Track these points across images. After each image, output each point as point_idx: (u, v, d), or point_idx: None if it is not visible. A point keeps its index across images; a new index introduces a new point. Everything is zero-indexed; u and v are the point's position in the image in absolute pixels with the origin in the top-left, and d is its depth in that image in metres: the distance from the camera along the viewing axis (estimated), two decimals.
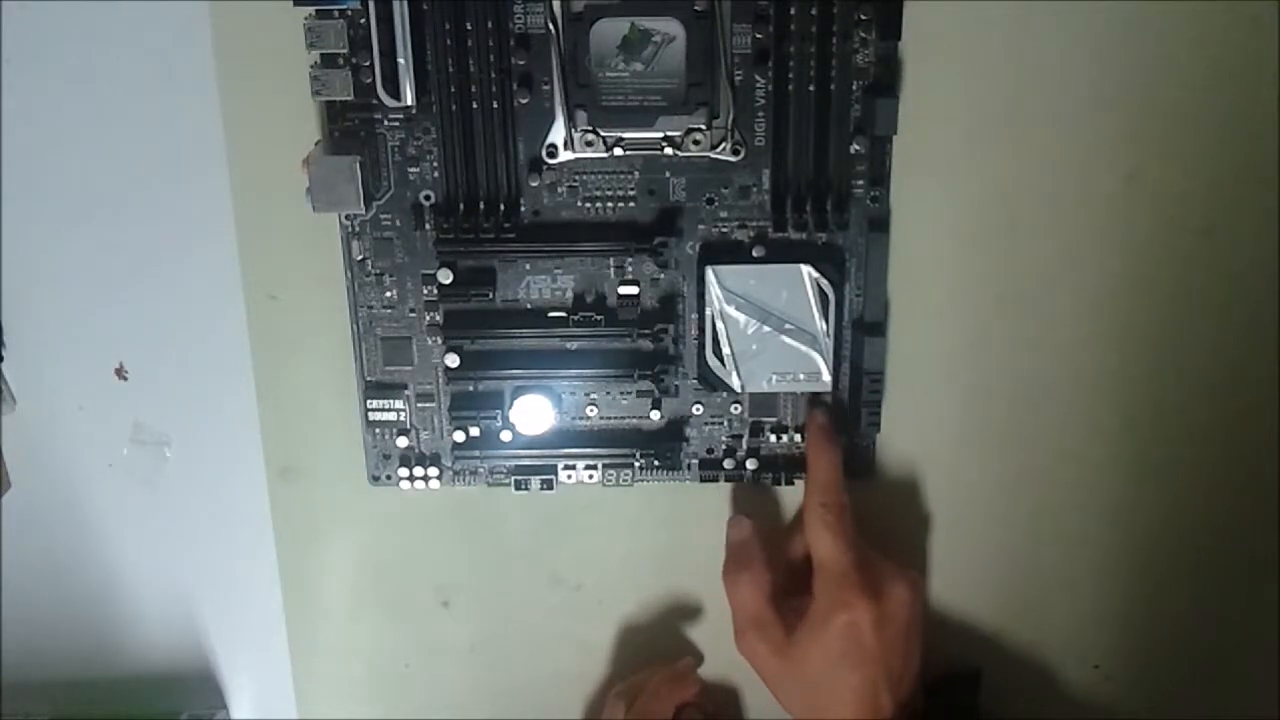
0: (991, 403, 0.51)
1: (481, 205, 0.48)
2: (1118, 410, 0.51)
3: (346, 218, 0.48)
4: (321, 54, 0.45)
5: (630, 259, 0.49)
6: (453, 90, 0.46)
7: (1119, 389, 0.50)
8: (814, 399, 0.50)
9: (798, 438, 0.51)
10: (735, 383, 0.49)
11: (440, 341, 0.49)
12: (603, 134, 0.46)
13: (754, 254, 0.48)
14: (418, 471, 0.51)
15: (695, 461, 0.51)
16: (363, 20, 0.44)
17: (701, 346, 0.49)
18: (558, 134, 0.46)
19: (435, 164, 0.47)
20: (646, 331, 0.49)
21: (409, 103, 0.45)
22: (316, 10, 0.44)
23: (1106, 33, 0.46)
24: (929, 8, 0.45)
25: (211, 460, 0.54)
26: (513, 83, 0.46)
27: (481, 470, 0.51)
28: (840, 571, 0.47)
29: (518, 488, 0.51)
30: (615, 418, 0.51)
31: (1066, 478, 0.52)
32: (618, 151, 0.46)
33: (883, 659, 0.47)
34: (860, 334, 0.49)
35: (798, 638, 0.48)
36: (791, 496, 0.52)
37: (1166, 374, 0.50)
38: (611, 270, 0.49)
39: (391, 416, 0.51)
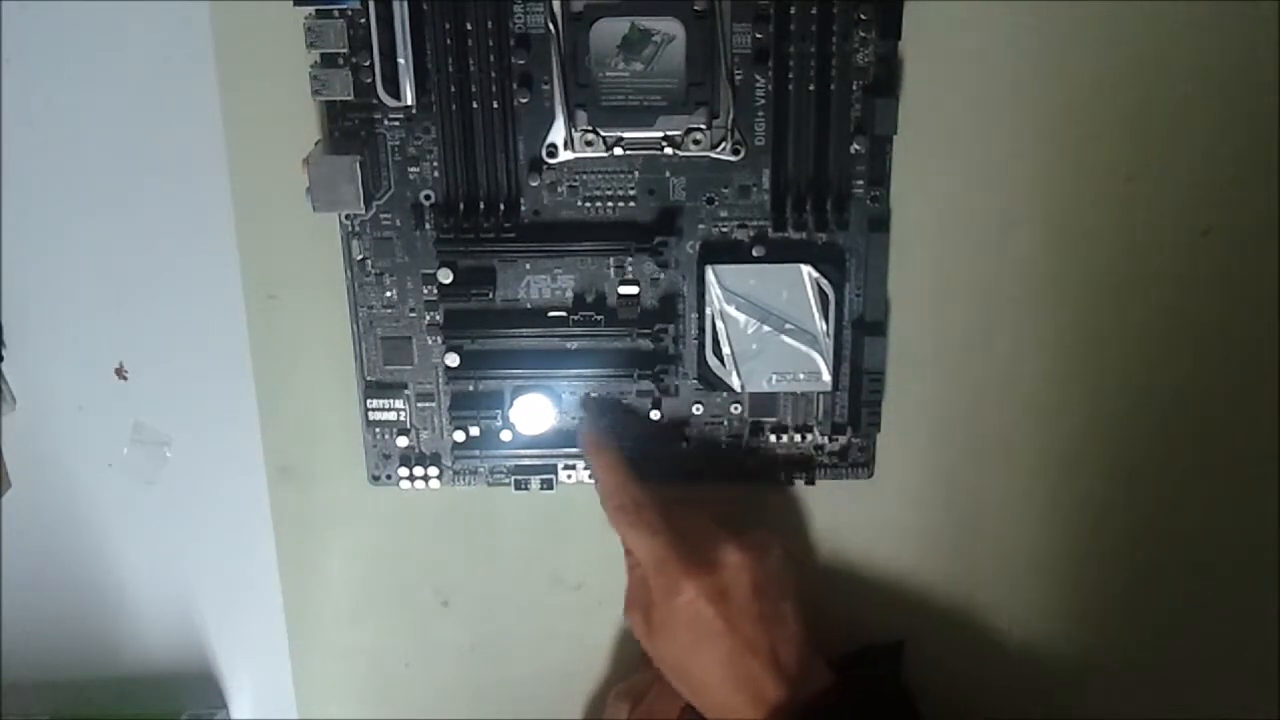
0: (991, 402, 0.51)
1: (481, 205, 0.48)
2: (1117, 409, 0.51)
3: (346, 218, 0.48)
4: (321, 54, 0.45)
5: (630, 259, 0.49)
6: (453, 90, 0.46)
7: (1118, 388, 0.50)
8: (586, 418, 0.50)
9: (798, 438, 0.51)
10: (735, 383, 0.49)
11: (440, 341, 0.49)
12: (603, 134, 0.46)
13: (754, 254, 0.48)
14: (418, 471, 0.51)
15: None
16: (363, 20, 0.44)
17: (701, 346, 0.49)
18: (558, 134, 0.46)
19: (435, 164, 0.47)
20: (646, 331, 0.49)
21: (409, 103, 0.45)
22: (316, 10, 0.44)
23: (1106, 33, 0.46)
24: (929, 8, 0.45)
25: (211, 460, 0.54)
26: (513, 83, 0.46)
27: (481, 470, 0.51)
28: (658, 559, 0.45)
29: (518, 488, 0.51)
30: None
31: (1066, 477, 0.52)
32: (618, 151, 0.46)
33: (734, 630, 0.45)
34: (860, 334, 0.49)
35: (654, 624, 0.46)
36: (793, 496, 0.52)
37: (1166, 374, 0.50)
38: (611, 270, 0.49)
39: (391, 416, 0.51)
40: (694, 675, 0.46)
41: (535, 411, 0.50)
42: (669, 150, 0.46)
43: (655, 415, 0.50)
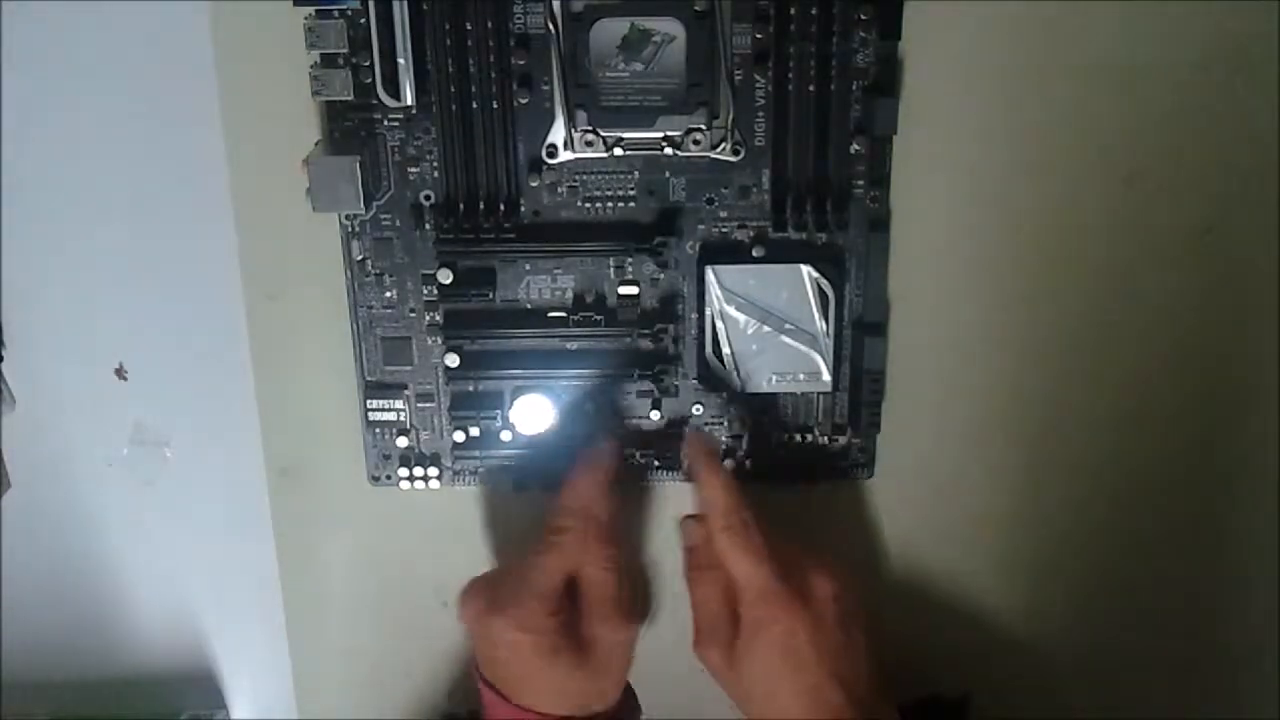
0: (991, 402, 0.51)
1: (481, 205, 0.48)
2: (1117, 410, 0.51)
3: (346, 218, 0.48)
4: (321, 54, 0.45)
5: (630, 259, 0.49)
6: (453, 90, 0.46)
7: (1118, 388, 0.50)
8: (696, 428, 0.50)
9: (798, 438, 0.51)
10: (735, 383, 0.49)
11: (440, 341, 0.49)
12: (603, 134, 0.46)
13: (754, 254, 0.48)
14: (418, 471, 0.51)
15: None
16: (363, 20, 0.44)
17: (701, 346, 0.49)
18: (558, 134, 0.46)
19: (435, 164, 0.47)
20: (646, 331, 0.49)
21: (409, 103, 0.45)
22: (316, 10, 0.44)
23: (1106, 33, 0.46)
24: (929, 8, 0.45)
25: (211, 460, 0.54)
26: (513, 83, 0.46)
27: (481, 470, 0.52)
28: (760, 587, 0.45)
29: (518, 488, 0.51)
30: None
31: (1066, 477, 0.52)
32: (618, 151, 0.46)
33: (821, 660, 0.45)
34: (860, 334, 0.49)
35: (738, 652, 0.46)
36: (793, 496, 0.52)
37: (1166, 374, 0.50)
38: (611, 270, 0.49)
39: (391, 416, 0.51)
40: (776, 705, 0.46)
41: (535, 411, 0.50)
42: (669, 150, 0.46)
43: (655, 415, 0.50)
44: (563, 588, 0.47)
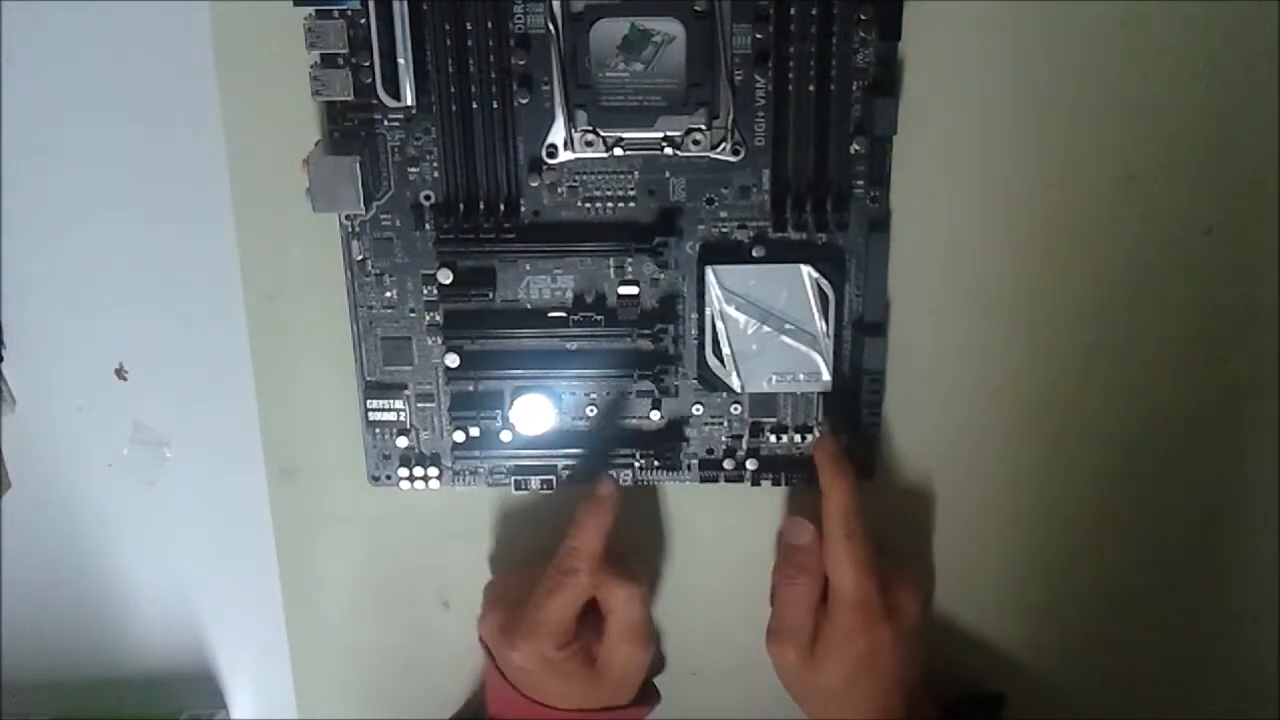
0: (991, 402, 0.51)
1: (481, 205, 0.48)
2: (1117, 410, 0.51)
3: (346, 218, 0.48)
4: (321, 54, 0.45)
5: (630, 259, 0.49)
6: (453, 90, 0.46)
7: (1118, 388, 0.50)
8: (827, 427, 0.50)
9: (798, 438, 0.51)
10: (735, 383, 0.49)
11: (440, 341, 0.49)
12: (603, 134, 0.46)
13: (754, 254, 0.48)
14: (418, 471, 0.51)
15: (695, 461, 0.51)
16: (363, 20, 0.44)
17: (701, 346, 0.49)
18: (558, 134, 0.46)
19: (435, 164, 0.47)
20: (646, 331, 0.49)
21: (409, 103, 0.45)
22: (316, 10, 0.44)
23: (1106, 33, 0.46)
24: (929, 8, 0.45)
25: (211, 460, 0.54)
26: (513, 83, 0.46)
27: (481, 470, 0.51)
28: (859, 598, 0.47)
29: (518, 488, 0.51)
30: (615, 418, 0.51)
31: (1066, 477, 0.52)
32: (618, 151, 0.46)
33: (896, 669, 0.48)
34: (860, 334, 0.49)
35: (818, 654, 0.48)
36: (794, 497, 0.52)
37: (1166, 373, 0.50)
38: (611, 270, 0.49)
39: (391, 416, 0.51)
40: (846, 708, 0.48)
41: (535, 412, 0.50)
42: (669, 150, 0.46)
43: (655, 415, 0.50)
44: (573, 621, 0.48)
